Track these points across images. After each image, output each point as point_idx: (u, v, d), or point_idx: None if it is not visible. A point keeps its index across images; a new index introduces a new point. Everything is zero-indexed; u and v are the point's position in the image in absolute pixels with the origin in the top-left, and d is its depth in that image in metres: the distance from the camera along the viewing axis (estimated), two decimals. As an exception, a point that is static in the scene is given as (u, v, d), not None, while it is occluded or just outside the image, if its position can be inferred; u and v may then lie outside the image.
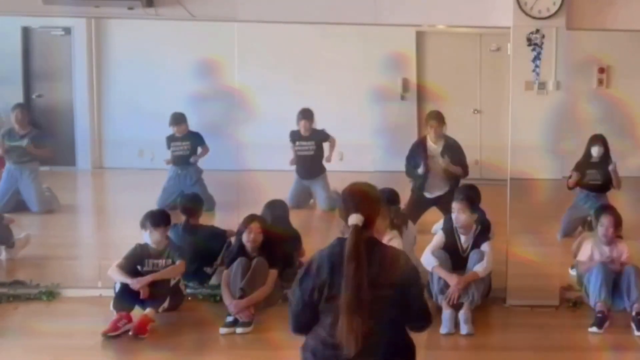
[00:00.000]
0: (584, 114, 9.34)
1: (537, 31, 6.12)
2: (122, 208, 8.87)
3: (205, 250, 6.67)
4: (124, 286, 5.89)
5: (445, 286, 5.92)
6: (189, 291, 6.37)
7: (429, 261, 6.06)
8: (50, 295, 6.38)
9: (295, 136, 8.86)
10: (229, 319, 5.83)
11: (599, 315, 5.85)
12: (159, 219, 6.16)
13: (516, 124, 6.28)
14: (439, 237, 6.22)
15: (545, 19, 6.12)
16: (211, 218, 7.75)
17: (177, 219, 6.71)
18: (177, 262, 6.08)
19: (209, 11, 6.31)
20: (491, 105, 9.82)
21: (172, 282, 6.08)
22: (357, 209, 3.26)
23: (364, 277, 3.13)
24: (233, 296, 5.92)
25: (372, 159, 9.57)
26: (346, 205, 3.32)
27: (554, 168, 6.36)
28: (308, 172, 8.84)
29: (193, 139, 8.83)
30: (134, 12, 6.21)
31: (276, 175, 8.96)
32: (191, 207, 6.91)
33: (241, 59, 9.82)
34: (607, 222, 6.21)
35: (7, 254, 7.24)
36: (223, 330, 5.76)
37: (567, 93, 6.43)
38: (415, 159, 7.78)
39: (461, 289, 5.87)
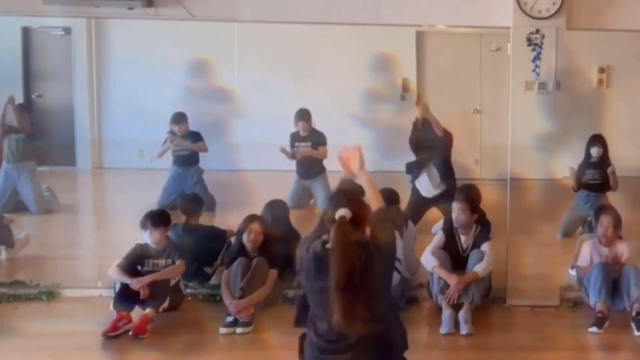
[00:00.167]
0: (584, 114, 9.35)
1: (537, 31, 6.11)
2: (122, 208, 8.85)
3: (205, 250, 6.67)
4: (124, 286, 5.89)
5: (445, 286, 5.92)
6: (189, 291, 6.37)
7: (429, 261, 6.06)
8: (50, 295, 6.38)
9: (295, 138, 8.87)
10: (229, 319, 5.82)
11: (599, 315, 5.84)
12: (159, 219, 6.16)
13: (516, 124, 6.28)
14: (439, 237, 6.21)
15: (545, 19, 6.12)
16: (211, 218, 7.76)
17: (177, 219, 6.71)
18: (177, 262, 6.09)
19: (209, 11, 6.31)
20: (491, 105, 9.81)
21: (172, 282, 6.08)
22: (345, 204, 3.19)
23: (353, 264, 3.06)
24: (233, 296, 5.93)
25: (372, 159, 9.53)
26: (333, 203, 3.24)
27: (554, 168, 6.36)
28: (308, 171, 8.84)
29: (193, 138, 8.84)
30: (134, 12, 6.21)
31: (276, 175, 8.95)
32: (191, 207, 6.93)
33: (241, 59, 9.83)
34: (606, 222, 6.21)
35: (7, 254, 7.24)
36: (223, 330, 5.76)
37: (567, 93, 6.43)
38: None
39: (461, 289, 5.87)
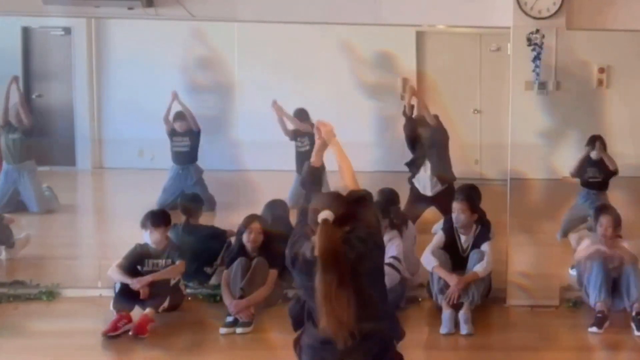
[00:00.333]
0: (584, 114, 9.34)
1: (537, 31, 6.10)
2: (122, 208, 8.86)
3: (205, 250, 6.67)
4: (124, 286, 5.89)
5: (445, 286, 5.92)
6: (189, 291, 6.37)
7: (429, 261, 6.06)
8: (50, 295, 6.38)
9: (296, 134, 8.87)
10: (229, 319, 5.82)
11: (599, 315, 5.84)
12: (159, 219, 6.16)
13: (516, 124, 6.27)
14: (439, 237, 6.21)
15: (545, 19, 6.11)
16: (211, 218, 7.75)
17: (177, 219, 6.71)
18: (177, 262, 6.08)
19: (209, 11, 6.31)
20: (491, 105, 9.80)
21: (172, 282, 6.07)
22: (327, 207, 3.17)
23: (340, 271, 3.03)
24: (233, 296, 5.93)
25: (372, 158, 9.55)
26: (315, 205, 3.21)
27: (554, 168, 6.36)
28: (307, 170, 8.84)
29: (193, 136, 8.85)
30: (134, 12, 6.21)
31: (276, 175, 8.95)
32: (191, 207, 6.93)
33: (241, 59, 9.83)
34: (606, 221, 6.18)
35: (7, 254, 7.24)
36: (223, 330, 5.76)
37: (567, 93, 6.42)
38: None
39: (461, 289, 5.87)
